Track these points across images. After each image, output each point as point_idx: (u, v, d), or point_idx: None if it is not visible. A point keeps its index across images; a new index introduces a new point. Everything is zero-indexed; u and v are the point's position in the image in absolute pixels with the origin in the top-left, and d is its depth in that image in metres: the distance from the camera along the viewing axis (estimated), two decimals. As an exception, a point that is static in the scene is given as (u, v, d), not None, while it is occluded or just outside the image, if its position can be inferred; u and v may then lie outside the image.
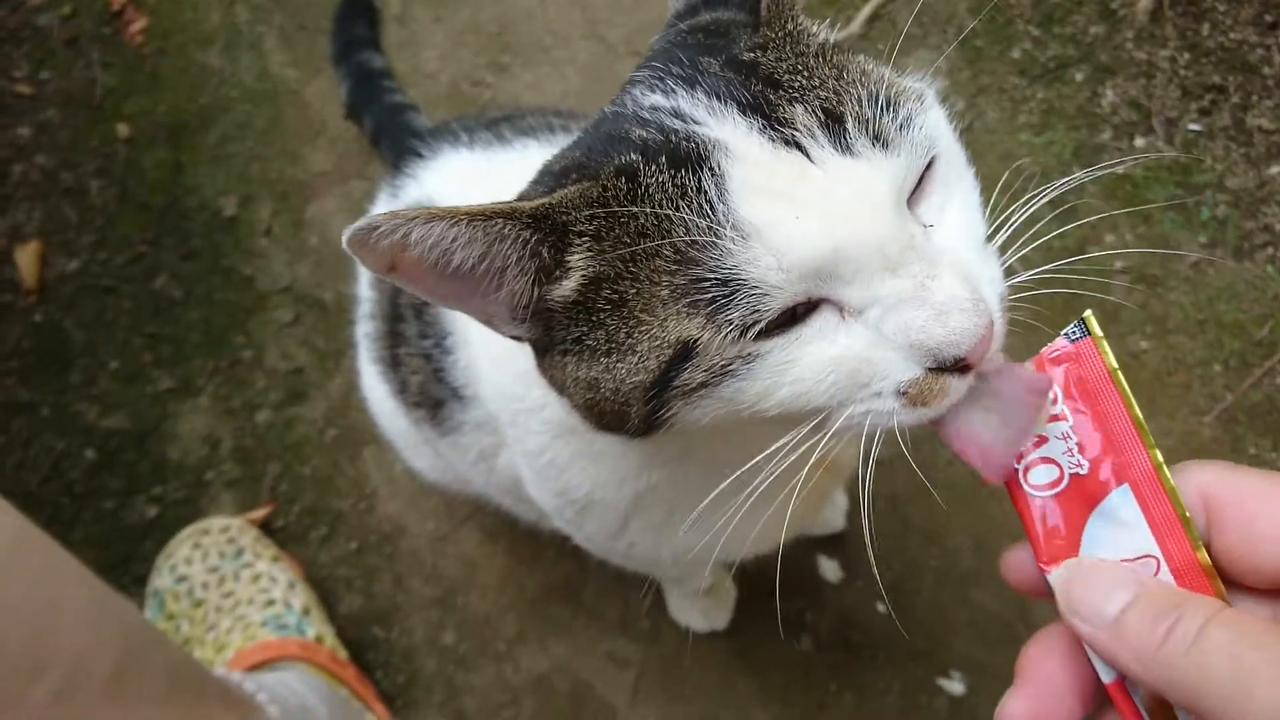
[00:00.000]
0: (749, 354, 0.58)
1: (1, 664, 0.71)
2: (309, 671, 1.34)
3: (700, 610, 1.44)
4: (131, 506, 1.59)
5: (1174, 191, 1.58)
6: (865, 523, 0.64)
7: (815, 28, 0.68)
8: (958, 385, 0.58)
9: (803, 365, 0.59)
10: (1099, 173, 1.48)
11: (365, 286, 1.22)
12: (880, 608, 1.45)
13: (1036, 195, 0.65)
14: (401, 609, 1.52)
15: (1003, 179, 0.70)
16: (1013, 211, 0.64)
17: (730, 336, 0.58)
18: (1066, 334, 0.56)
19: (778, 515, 0.66)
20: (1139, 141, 1.61)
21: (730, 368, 0.59)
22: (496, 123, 1.17)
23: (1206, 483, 0.52)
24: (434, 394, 1.08)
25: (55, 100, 1.81)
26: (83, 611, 0.84)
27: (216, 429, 1.62)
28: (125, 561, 1.55)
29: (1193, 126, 1.61)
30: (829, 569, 1.47)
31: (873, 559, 0.64)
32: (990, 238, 0.63)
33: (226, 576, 1.43)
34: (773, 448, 0.62)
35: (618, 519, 0.94)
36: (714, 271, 0.57)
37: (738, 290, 0.57)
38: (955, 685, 1.41)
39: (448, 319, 0.99)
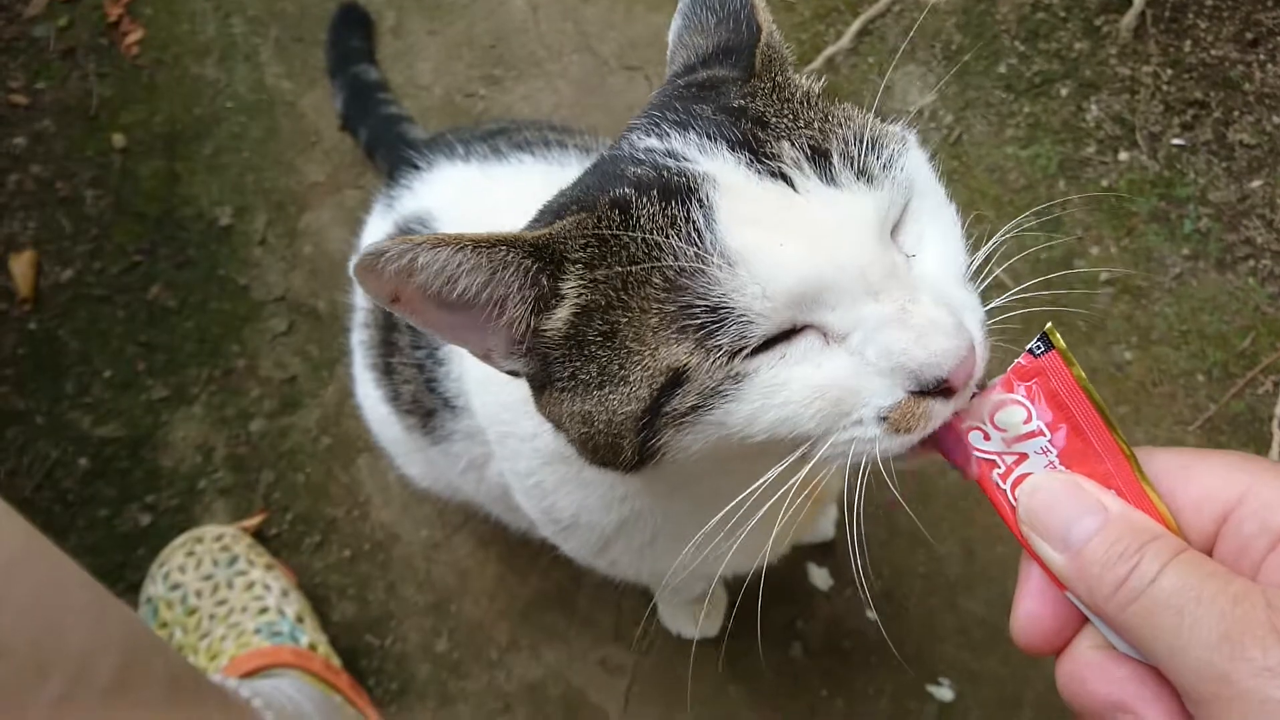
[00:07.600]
0: (737, 374, 0.60)
1: (9, 665, 0.72)
2: (302, 679, 1.35)
3: (691, 618, 1.45)
4: (125, 514, 1.59)
5: (1157, 205, 1.60)
6: (853, 553, 0.65)
7: (802, 79, 0.71)
8: (940, 409, 0.59)
9: (790, 389, 0.60)
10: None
11: (361, 296, 1.23)
12: (870, 614, 1.47)
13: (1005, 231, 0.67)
14: (394, 616, 1.53)
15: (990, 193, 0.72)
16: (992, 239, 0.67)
17: (719, 360, 0.59)
18: (1031, 349, 0.57)
19: (763, 537, 0.68)
20: (1123, 155, 1.64)
21: (720, 388, 0.60)
22: (493, 136, 1.18)
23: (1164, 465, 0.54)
24: (425, 403, 1.09)
25: (51, 110, 1.82)
26: (86, 616, 0.85)
27: (210, 437, 1.63)
28: (119, 569, 1.55)
29: (1176, 141, 1.64)
30: (819, 576, 1.49)
31: (859, 568, 0.65)
32: (973, 269, 0.65)
33: (220, 584, 1.44)
34: (760, 481, 0.63)
35: (601, 541, 0.95)
36: (703, 298, 0.59)
37: (726, 316, 0.59)
38: (944, 691, 1.42)
39: None
